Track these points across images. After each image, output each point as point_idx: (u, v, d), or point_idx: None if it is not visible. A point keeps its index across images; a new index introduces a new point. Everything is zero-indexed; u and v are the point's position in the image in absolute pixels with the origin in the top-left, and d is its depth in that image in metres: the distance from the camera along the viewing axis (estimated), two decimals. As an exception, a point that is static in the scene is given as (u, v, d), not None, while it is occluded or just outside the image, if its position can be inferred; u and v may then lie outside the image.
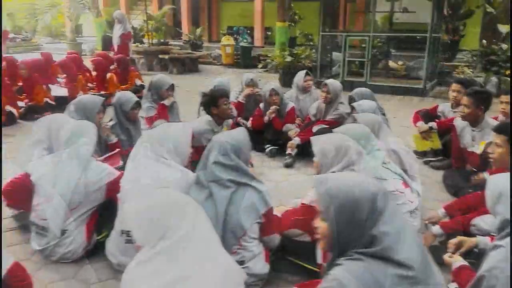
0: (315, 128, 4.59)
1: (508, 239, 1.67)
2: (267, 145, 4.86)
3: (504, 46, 8.87)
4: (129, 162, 2.58)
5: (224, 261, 1.74)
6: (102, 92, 7.04)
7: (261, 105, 4.96)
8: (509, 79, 8.22)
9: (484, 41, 9.72)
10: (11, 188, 2.66)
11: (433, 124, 4.48)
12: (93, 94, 7.01)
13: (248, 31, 15.53)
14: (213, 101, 3.80)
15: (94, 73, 7.46)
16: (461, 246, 2.28)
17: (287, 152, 4.58)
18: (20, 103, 6.26)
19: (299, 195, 3.62)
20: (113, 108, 3.92)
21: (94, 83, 7.38)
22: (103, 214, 2.75)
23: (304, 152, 4.59)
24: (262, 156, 4.79)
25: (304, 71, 5.40)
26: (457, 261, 2.13)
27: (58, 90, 6.82)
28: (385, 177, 2.76)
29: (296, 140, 4.56)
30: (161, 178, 2.44)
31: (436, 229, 2.64)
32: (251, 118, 5.07)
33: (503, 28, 9.53)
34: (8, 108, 5.89)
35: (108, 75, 7.29)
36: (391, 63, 10.94)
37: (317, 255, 2.42)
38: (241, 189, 2.31)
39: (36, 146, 3.05)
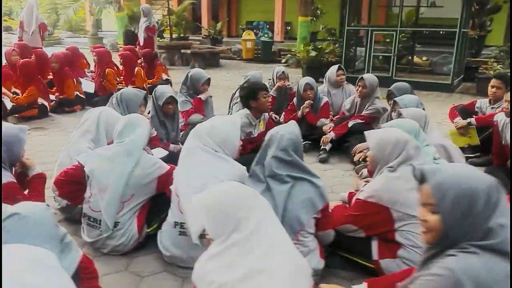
0: (350, 123, 4.56)
1: None
2: (301, 140, 4.82)
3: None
4: (181, 155, 2.58)
5: (293, 255, 1.72)
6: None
7: (294, 99, 4.93)
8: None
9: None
10: (64, 178, 2.68)
11: (471, 119, 4.40)
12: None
13: (268, 26, 15.46)
14: (252, 94, 3.78)
15: (121, 68, 7.50)
16: None
17: (321, 148, 4.55)
18: (51, 97, 6.33)
19: (337, 190, 3.62)
20: (151, 102, 3.93)
21: (121, 77, 7.41)
22: (153, 207, 2.76)
23: (339, 147, 4.57)
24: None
25: (337, 66, 5.36)
26: None
27: (86, 84, 6.88)
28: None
29: (331, 135, 4.52)
30: (216, 172, 2.45)
31: None
32: (283, 113, 5.04)
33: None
34: (41, 100, 5.96)
35: (136, 69, 7.31)
36: (416, 59, 10.80)
37: (372, 251, 2.39)
38: (298, 184, 2.29)
39: (84, 136, 3.07)
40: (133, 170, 2.62)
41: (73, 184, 2.70)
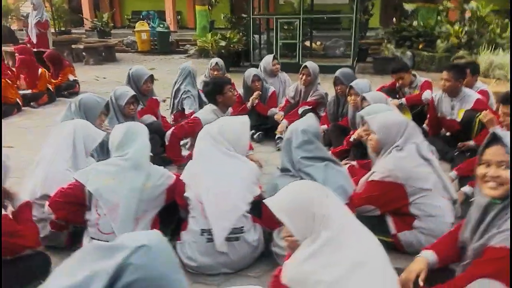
0: (300, 110, 4.75)
1: None
2: (252, 131, 4.88)
3: (415, 22, 9.89)
4: (196, 158, 2.48)
5: (378, 244, 1.80)
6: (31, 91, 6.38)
7: (240, 91, 4.94)
8: (422, 52, 9.26)
9: (394, 19, 10.74)
10: (62, 199, 2.35)
11: (403, 100, 4.91)
12: (25, 93, 6.30)
13: (158, 16, 14.91)
14: (219, 89, 3.71)
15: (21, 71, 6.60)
16: None
17: (277, 136, 4.67)
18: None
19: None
20: (110, 102, 3.60)
21: (23, 82, 6.53)
22: (163, 219, 2.59)
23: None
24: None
25: (272, 55, 5.49)
26: None
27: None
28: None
29: (285, 123, 4.66)
30: (236, 172, 2.42)
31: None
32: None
33: (409, 7, 10.63)
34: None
35: (40, 70, 6.51)
36: (309, 43, 11.50)
37: (389, 226, 2.60)
38: (329, 171, 2.38)
39: (59, 154, 2.70)
40: (144, 184, 2.42)
41: (72, 205, 2.40)
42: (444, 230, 2.55)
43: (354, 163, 3.28)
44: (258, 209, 2.49)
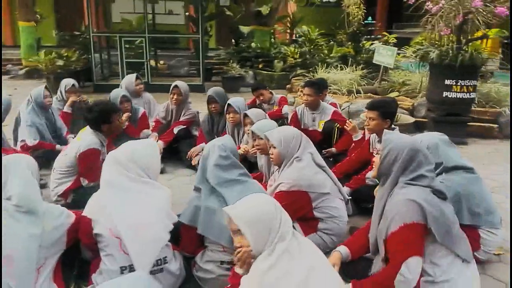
0: (175, 129, 4.66)
1: None
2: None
3: (253, 44, 10.71)
4: (103, 188, 2.22)
5: (315, 247, 1.94)
6: None
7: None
8: (262, 71, 10.09)
9: (233, 40, 11.43)
10: None
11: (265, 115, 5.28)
12: None
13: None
14: (105, 117, 3.37)
15: None
16: None
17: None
18: None
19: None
20: None
21: None
22: (63, 265, 2.23)
23: (172, 153, 4.63)
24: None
25: (134, 75, 5.23)
26: None
27: None
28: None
29: (160, 144, 4.51)
30: (151, 200, 2.28)
31: (346, 190, 3.42)
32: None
33: (244, 29, 11.48)
34: None
35: None
36: (153, 63, 11.35)
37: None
38: (246, 185, 2.42)
39: None
40: (42, 227, 2.05)
41: None
42: (342, 228, 2.89)
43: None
44: (175, 235, 2.38)
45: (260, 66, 10.15)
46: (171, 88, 4.76)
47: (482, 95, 6.31)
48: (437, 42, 5.94)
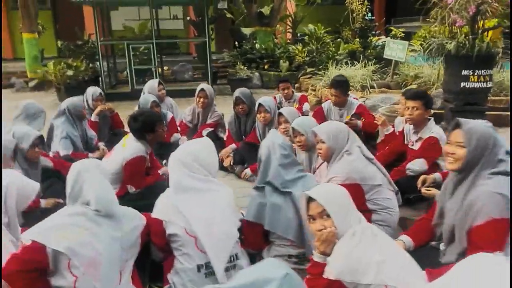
0: (204, 132, 4.71)
1: None
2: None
3: (256, 45, 10.77)
4: (173, 189, 2.28)
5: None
6: None
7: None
8: (269, 72, 10.15)
9: (236, 42, 11.48)
10: (20, 268, 1.85)
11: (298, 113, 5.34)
12: None
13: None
14: (149, 127, 3.40)
15: None
16: (425, 181, 3.15)
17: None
18: None
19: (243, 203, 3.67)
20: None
21: None
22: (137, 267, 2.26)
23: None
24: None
25: (156, 80, 5.29)
26: (435, 191, 2.97)
27: None
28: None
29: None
30: (218, 198, 2.34)
31: None
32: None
33: (246, 31, 11.54)
34: None
35: None
36: (161, 69, 11.38)
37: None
38: (306, 180, 2.49)
39: None
40: (121, 230, 2.09)
41: (31, 272, 1.91)
42: (395, 219, 2.94)
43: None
44: (239, 233, 2.43)
45: (266, 67, 10.21)
46: (197, 92, 4.81)
47: (495, 84, 6.41)
48: (450, 34, 6.02)
